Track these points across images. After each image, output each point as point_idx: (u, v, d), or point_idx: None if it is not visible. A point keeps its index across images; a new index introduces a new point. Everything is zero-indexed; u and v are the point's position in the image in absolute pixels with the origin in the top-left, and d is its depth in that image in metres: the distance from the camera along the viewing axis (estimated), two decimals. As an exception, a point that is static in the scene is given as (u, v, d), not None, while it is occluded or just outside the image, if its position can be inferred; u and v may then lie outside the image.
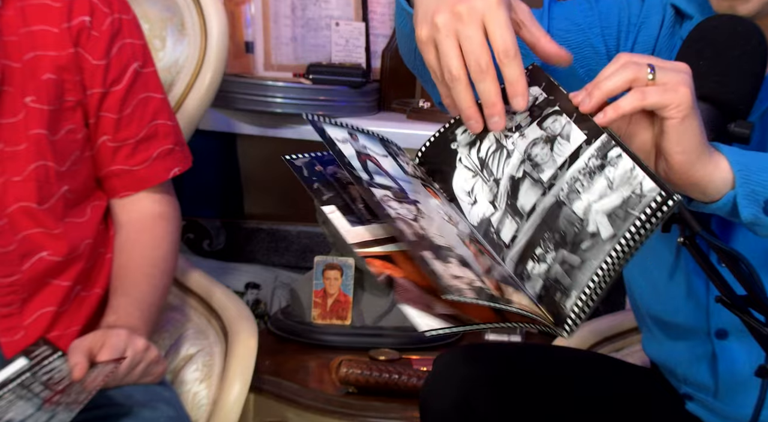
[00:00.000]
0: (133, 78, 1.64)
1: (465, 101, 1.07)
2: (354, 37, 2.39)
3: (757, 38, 1.17)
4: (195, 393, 1.73)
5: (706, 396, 1.40)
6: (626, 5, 1.38)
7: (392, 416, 1.89)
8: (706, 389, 1.40)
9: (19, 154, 1.55)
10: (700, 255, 1.15)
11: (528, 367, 1.45)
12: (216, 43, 1.97)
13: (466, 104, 1.07)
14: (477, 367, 1.39)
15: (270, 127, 2.35)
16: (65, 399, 1.38)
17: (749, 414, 1.14)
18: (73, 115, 1.60)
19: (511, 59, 1.04)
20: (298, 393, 1.96)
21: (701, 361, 1.39)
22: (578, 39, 1.38)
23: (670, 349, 1.44)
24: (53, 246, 1.57)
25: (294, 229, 2.60)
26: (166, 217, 1.70)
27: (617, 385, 1.49)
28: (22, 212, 1.56)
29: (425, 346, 2.12)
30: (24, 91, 1.56)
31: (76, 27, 1.60)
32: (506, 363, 1.44)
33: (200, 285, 1.85)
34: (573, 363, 1.52)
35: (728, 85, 1.15)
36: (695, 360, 1.40)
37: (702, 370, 1.39)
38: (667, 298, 1.41)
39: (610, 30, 1.38)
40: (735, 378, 1.35)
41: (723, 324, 1.34)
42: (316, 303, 2.15)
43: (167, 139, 1.69)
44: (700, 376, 1.40)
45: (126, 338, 1.49)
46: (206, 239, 2.61)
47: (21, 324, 1.56)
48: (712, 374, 1.38)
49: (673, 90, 1.03)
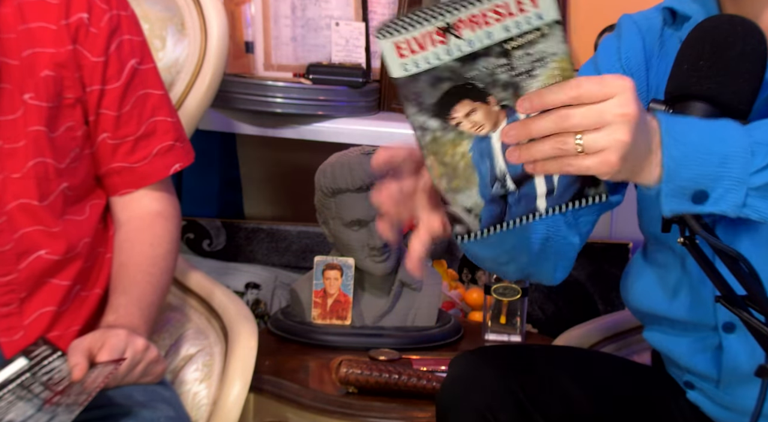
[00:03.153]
0: (132, 75, 1.64)
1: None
2: (354, 37, 2.39)
3: (757, 38, 1.17)
4: (195, 393, 1.73)
5: (709, 386, 1.41)
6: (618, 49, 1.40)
7: (392, 416, 1.89)
8: (709, 379, 1.40)
9: (18, 151, 1.55)
10: (700, 255, 1.15)
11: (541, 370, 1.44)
12: (216, 43, 1.97)
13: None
14: (495, 373, 1.39)
15: (270, 127, 2.35)
16: (65, 400, 1.38)
17: (751, 405, 1.14)
18: (72, 113, 1.60)
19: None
20: (298, 393, 1.96)
21: (706, 352, 1.39)
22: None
23: (674, 341, 1.44)
24: (51, 245, 1.57)
25: (294, 229, 2.59)
26: (165, 216, 1.70)
27: (621, 384, 1.49)
28: (21, 209, 1.55)
29: (425, 346, 2.12)
30: (22, 88, 1.56)
31: (74, 24, 1.60)
32: (524, 366, 1.43)
33: (200, 285, 1.85)
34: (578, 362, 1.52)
35: (728, 85, 1.15)
36: (700, 352, 1.40)
37: (706, 360, 1.39)
38: (675, 299, 1.41)
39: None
40: (739, 370, 1.36)
41: (731, 318, 1.34)
42: (316, 303, 2.15)
43: (167, 136, 1.68)
44: (704, 367, 1.40)
45: (125, 338, 1.48)
46: (206, 239, 2.61)
47: (20, 323, 1.56)
48: (715, 364, 1.38)
49: (598, 165, 1.02)
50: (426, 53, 1.04)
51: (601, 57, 1.42)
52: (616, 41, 1.41)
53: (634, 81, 1.35)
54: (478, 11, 1.03)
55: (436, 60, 1.04)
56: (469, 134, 1.07)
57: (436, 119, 1.06)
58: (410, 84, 1.05)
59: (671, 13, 1.38)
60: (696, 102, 1.15)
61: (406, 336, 2.14)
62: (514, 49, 1.03)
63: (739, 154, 1.08)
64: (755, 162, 1.08)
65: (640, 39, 1.39)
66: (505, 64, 1.04)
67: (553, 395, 1.40)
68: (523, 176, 1.09)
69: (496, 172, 1.09)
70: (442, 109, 1.06)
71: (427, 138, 1.07)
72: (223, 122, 2.36)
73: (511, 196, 1.10)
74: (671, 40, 1.37)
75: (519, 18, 1.02)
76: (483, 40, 1.03)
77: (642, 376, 1.52)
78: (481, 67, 1.04)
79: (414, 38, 1.03)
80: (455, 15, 1.03)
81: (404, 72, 1.04)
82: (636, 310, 1.51)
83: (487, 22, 1.03)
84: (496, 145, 1.08)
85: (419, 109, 1.06)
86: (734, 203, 1.08)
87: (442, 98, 1.06)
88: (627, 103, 1.01)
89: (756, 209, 1.09)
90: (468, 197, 1.10)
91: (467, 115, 1.06)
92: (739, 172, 1.08)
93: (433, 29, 1.03)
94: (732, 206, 1.08)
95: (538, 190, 1.10)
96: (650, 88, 1.38)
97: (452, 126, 1.07)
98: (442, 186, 1.09)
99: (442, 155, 1.08)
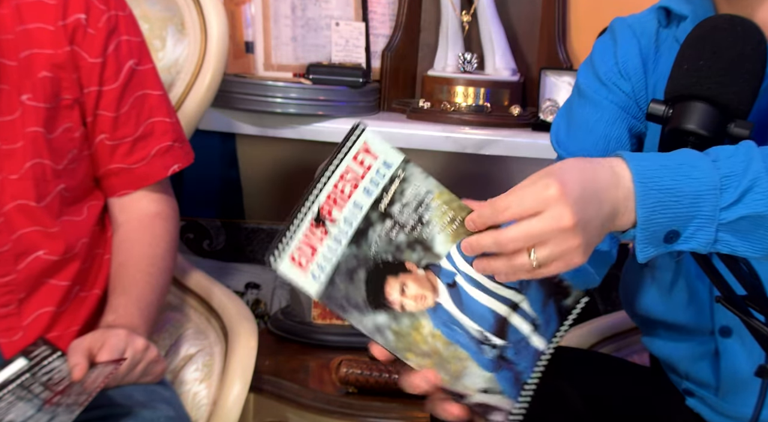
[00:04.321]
0: (129, 75, 1.63)
1: None
2: (354, 37, 2.39)
3: (757, 38, 1.17)
4: (195, 393, 1.73)
5: (708, 393, 1.41)
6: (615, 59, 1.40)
7: (392, 416, 1.89)
8: (708, 386, 1.40)
9: (15, 151, 1.55)
10: (700, 255, 1.15)
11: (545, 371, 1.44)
12: (216, 43, 1.97)
13: None
14: None
15: (270, 127, 2.35)
16: (65, 400, 1.37)
17: (750, 412, 1.14)
18: (70, 114, 1.60)
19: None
20: (298, 393, 1.96)
21: (704, 359, 1.39)
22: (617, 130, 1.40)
23: (672, 347, 1.44)
24: (49, 246, 1.57)
25: (294, 229, 2.59)
26: (164, 216, 1.70)
27: (619, 385, 1.49)
28: (18, 210, 1.55)
29: (425, 346, 2.12)
30: (20, 89, 1.55)
31: (71, 25, 1.59)
32: None
33: (200, 285, 1.85)
34: (576, 363, 1.52)
35: (728, 85, 1.15)
36: (698, 358, 1.40)
37: (704, 367, 1.39)
38: (670, 300, 1.41)
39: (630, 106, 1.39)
40: (737, 376, 1.36)
41: (727, 321, 1.34)
42: (316, 303, 2.15)
43: (165, 136, 1.68)
44: (702, 373, 1.40)
45: (125, 338, 1.48)
46: (206, 239, 2.61)
47: (20, 324, 1.56)
48: (714, 371, 1.38)
49: (566, 268, 1.02)
50: (321, 252, 1.01)
51: (598, 60, 1.41)
52: (612, 45, 1.41)
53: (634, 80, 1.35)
54: (330, 188, 1.00)
55: (334, 254, 1.01)
56: (420, 310, 1.03)
57: (380, 311, 1.02)
58: (333, 292, 1.01)
59: (666, 13, 1.38)
60: (696, 102, 1.15)
61: (406, 336, 2.14)
62: (389, 207, 1.01)
63: (709, 191, 1.07)
64: (725, 197, 1.07)
65: (636, 42, 1.39)
66: (392, 225, 1.02)
67: (549, 396, 1.40)
68: (499, 325, 1.05)
69: (475, 335, 1.05)
70: (376, 297, 1.03)
71: (390, 338, 1.03)
72: (223, 122, 2.36)
73: (508, 351, 1.06)
74: (667, 41, 1.37)
75: (370, 175, 1.00)
76: (356, 213, 1.01)
77: (641, 378, 1.52)
78: (375, 239, 1.02)
79: (301, 243, 1.00)
80: (315, 203, 1.01)
81: (317, 282, 1.01)
82: (635, 315, 1.51)
83: (345, 195, 1.01)
84: (452, 309, 1.04)
85: (359, 312, 1.02)
86: (705, 241, 1.09)
87: (367, 289, 1.02)
88: (559, 215, 1.01)
89: (727, 243, 1.09)
90: (475, 377, 1.05)
91: (402, 293, 1.03)
92: (710, 210, 1.07)
93: (309, 225, 1.01)
94: (703, 244, 1.09)
95: (523, 330, 1.07)
96: (649, 90, 1.38)
97: (399, 311, 1.03)
98: (445, 380, 1.04)
99: (417, 346, 1.04)
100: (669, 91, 1.19)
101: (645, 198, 1.06)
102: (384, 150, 1.00)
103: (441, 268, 1.03)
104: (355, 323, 1.02)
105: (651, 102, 1.18)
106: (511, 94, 2.35)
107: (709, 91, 1.14)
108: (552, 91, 2.29)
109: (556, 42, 2.39)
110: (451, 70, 2.36)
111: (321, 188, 1.00)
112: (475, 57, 2.34)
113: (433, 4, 2.47)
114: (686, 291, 1.38)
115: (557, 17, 2.39)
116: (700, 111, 1.15)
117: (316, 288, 1.01)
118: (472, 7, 2.40)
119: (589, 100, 1.39)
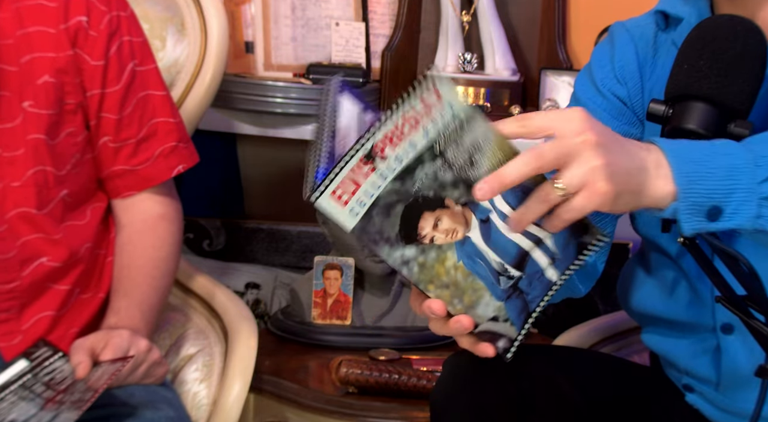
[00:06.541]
0: (132, 77, 1.63)
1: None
2: (354, 37, 2.39)
3: (757, 38, 1.17)
4: (195, 393, 1.73)
5: (708, 389, 1.41)
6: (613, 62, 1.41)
7: (392, 416, 1.89)
8: (708, 382, 1.40)
9: (17, 159, 1.54)
10: (700, 255, 1.15)
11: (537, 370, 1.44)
12: (216, 43, 1.97)
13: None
14: (490, 372, 1.39)
15: (270, 127, 2.35)
16: (69, 397, 1.37)
17: (750, 408, 1.14)
18: (73, 118, 1.59)
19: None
20: (298, 393, 1.96)
21: (705, 355, 1.39)
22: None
23: (672, 343, 1.44)
24: (53, 252, 1.56)
25: (294, 229, 2.60)
26: (168, 218, 1.69)
27: (619, 384, 1.49)
28: (21, 218, 1.54)
29: (425, 346, 2.12)
30: (21, 96, 1.54)
31: (73, 27, 1.57)
32: (519, 366, 1.43)
33: (202, 286, 1.85)
34: (576, 363, 1.52)
35: (728, 85, 1.15)
36: (699, 354, 1.40)
37: (705, 363, 1.39)
38: (671, 298, 1.41)
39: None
40: (738, 373, 1.36)
41: (729, 319, 1.34)
42: (316, 303, 2.15)
43: (169, 137, 1.67)
44: (703, 369, 1.40)
45: (129, 338, 1.48)
46: (206, 239, 2.61)
47: (19, 328, 1.55)
48: (714, 367, 1.38)
49: (590, 199, 1.01)
50: (364, 188, 1.03)
51: (596, 66, 1.42)
52: (609, 50, 1.41)
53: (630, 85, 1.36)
54: (390, 127, 1.02)
55: (376, 189, 1.03)
56: (449, 244, 1.06)
57: (411, 246, 1.05)
58: (368, 226, 1.04)
59: (663, 17, 1.38)
60: (696, 102, 1.15)
61: (405, 336, 2.14)
62: (443, 148, 1.03)
63: (745, 165, 1.07)
64: (760, 172, 1.08)
65: (633, 47, 1.39)
66: (442, 164, 1.03)
67: (549, 395, 1.40)
68: (520, 258, 1.07)
69: (495, 267, 1.07)
70: (409, 232, 1.05)
71: (414, 270, 1.05)
72: (223, 122, 2.36)
73: (522, 282, 1.08)
74: (665, 45, 1.37)
75: (433, 116, 1.02)
76: (408, 152, 1.03)
77: (641, 377, 1.52)
78: (421, 176, 1.03)
79: (345, 179, 1.02)
80: (370, 140, 1.02)
81: (355, 216, 1.03)
82: (634, 312, 1.51)
83: (404, 134, 1.02)
84: (479, 243, 1.06)
85: (390, 246, 1.05)
86: (749, 215, 1.08)
87: (402, 223, 1.04)
88: (582, 129, 1.01)
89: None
90: (486, 306, 1.08)
91: (435, 227, 1.05)
92: (748, 183, 1.07)
93: (358, 162, 1.02)
94: (748, 218, 1.08)
95: (541, 263, 1.08)
96: (645, 94, 1.38)
97: (428, 245, 1.05)
98: (458, 309, 1.07)
99: (438, 278, 1.06)
100: (669, 90, 1.19)
101: (680, 167, 1.06)
102: (452, 95, 1.02)
103: (479, 205, 1.05)
104: (384, 256, 1.05)
105: (651, 102, 1.18)
106: (511, 94, 2.36)
107: (709, 91, 1.15)
108: (552, 91, 2.30)
109: (556, 42, 2.39)
110: (451, 70, 2.36)
111: (379, 127, 1.03)
112: (475, 57, 2.34)
113: (433, 4, 2.47)
114: (688, 289, 1.38)
115: (557, 17, 2.40)
116: (700, 111, 1.15)
117: (353, 222, 1.04)
118: (472, 7, 2.40)
119: (583, 107, 1.39)
